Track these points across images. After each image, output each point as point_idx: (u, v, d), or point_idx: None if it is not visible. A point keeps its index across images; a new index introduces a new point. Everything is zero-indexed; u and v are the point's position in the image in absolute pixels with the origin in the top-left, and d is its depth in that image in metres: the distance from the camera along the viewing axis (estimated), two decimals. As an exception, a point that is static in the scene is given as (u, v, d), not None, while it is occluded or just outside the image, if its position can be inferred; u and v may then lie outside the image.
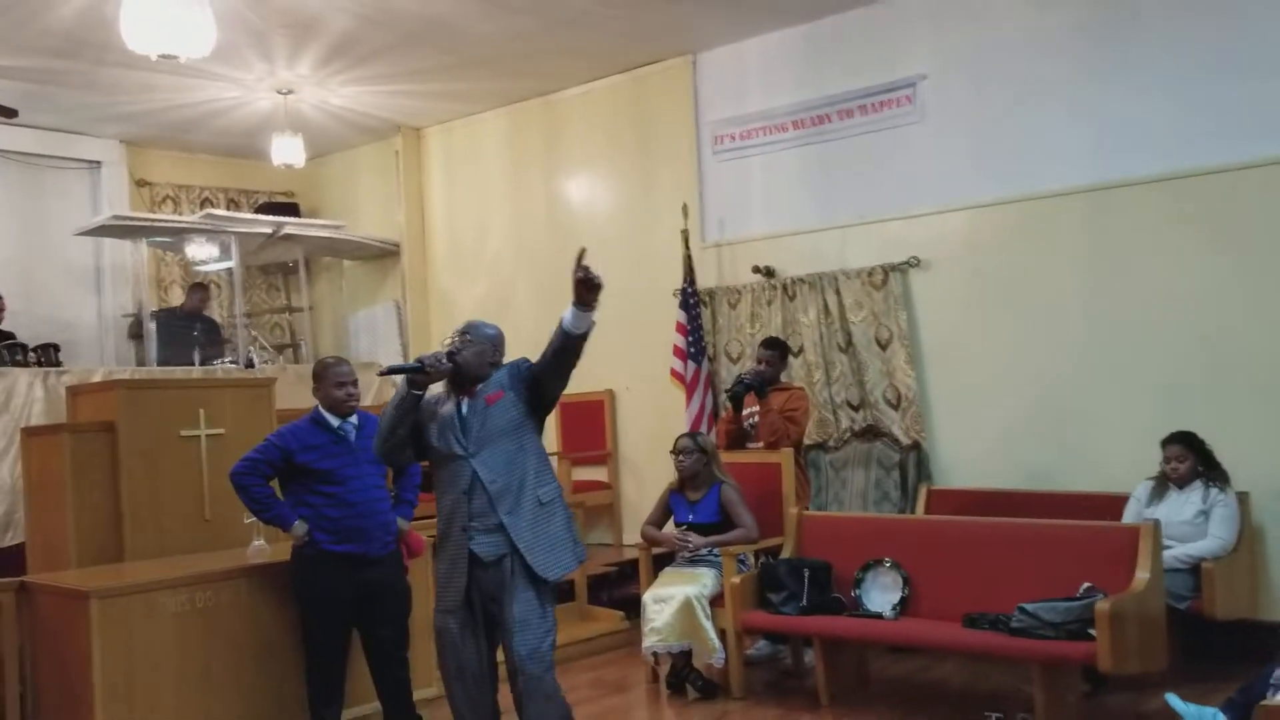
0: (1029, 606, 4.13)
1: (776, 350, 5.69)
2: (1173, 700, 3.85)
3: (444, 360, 3.43)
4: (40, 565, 4.79)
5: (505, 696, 3.53)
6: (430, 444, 3.50)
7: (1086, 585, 4.18)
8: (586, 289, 3.22)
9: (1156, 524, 4.30)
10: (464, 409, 3.47)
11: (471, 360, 3.47)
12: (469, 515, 3.38)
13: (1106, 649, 3.87)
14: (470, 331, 3.54)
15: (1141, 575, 4.11)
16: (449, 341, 3.54)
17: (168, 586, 4.07)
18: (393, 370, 3.65)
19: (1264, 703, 2.47)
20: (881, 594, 4.75)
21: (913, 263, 6.04)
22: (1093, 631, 3.94)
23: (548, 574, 3.38)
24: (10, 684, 4.16)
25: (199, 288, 8.36)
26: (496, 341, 3.58)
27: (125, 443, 4.75)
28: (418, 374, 3.40)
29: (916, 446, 6.01)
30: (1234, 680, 3.98)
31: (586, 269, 3.21)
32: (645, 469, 7.16)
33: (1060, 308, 5.64)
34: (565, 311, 3.31)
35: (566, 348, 3.33)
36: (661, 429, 6.76)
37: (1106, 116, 5.49)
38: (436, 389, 3.58)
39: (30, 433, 5.14)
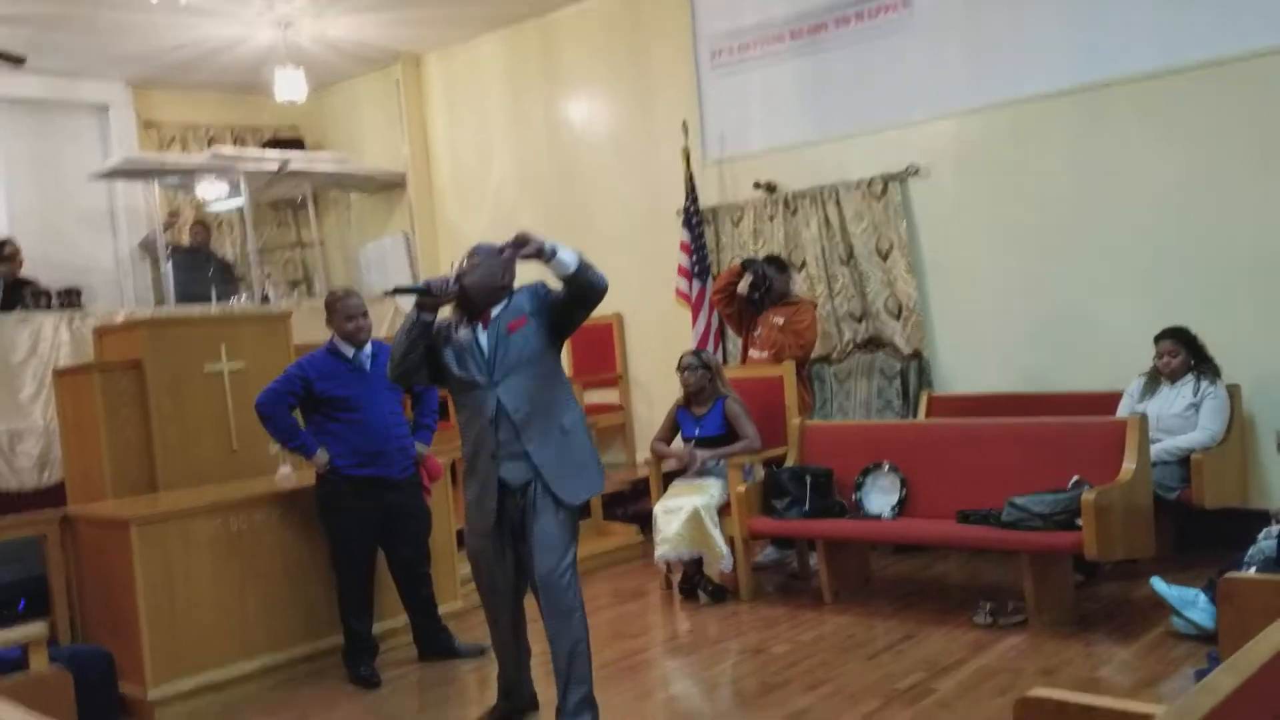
0: (1018, 500, 4.32)
1: (775, 265, 5.81)
2: (1157, 584, 4.07)
3: (451, 284, 3.43)
4: (79, 499, 5.04)
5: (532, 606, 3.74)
6: (450, 371, 3.50)
7: (1075, 478, 4.35)
8: (519, 246, 3.33)
9: (1143, 417, 4.46)
10: (483, 336, 3.48)
11: (481, 282, 3.44)
12: (496, 444, 3.43)
13: (1092, 537, 4.05)
14: (477, 254, 3.49)
15: (1128, 467, 4.28)
16: (457, 265, 3.53)
17: (203, 513, 4.31)
18: (398, 290, 3.71)
19: (1228, 575, 2.64)
20: (881, 496, 4.95)
21: (911, 171, 6.11)
22: (1080, 522, 4.13)
23: (571, 500, 3.48)
24: (60, 608, 4.43)
25: (200, 225, 8.53)
26: (505, 263, 3.50)
27: (152, 379, 4.96)
28: (424, 296, 3.41)
29: (918, 355, 6.15)
30: (1222, 566, 4.18)
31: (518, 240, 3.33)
32: (655, 389, 7.34)
33: (1053, 210, 5.71)
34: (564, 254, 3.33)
35: (574, 293, 3.39)
36: (669, 349, 6.87)
37: (1098, 16, 5.49)
38: (450, 312, 3.59)
39: (61, 374, 5.36)
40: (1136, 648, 3.99)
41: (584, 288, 3.39)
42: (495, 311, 3.51)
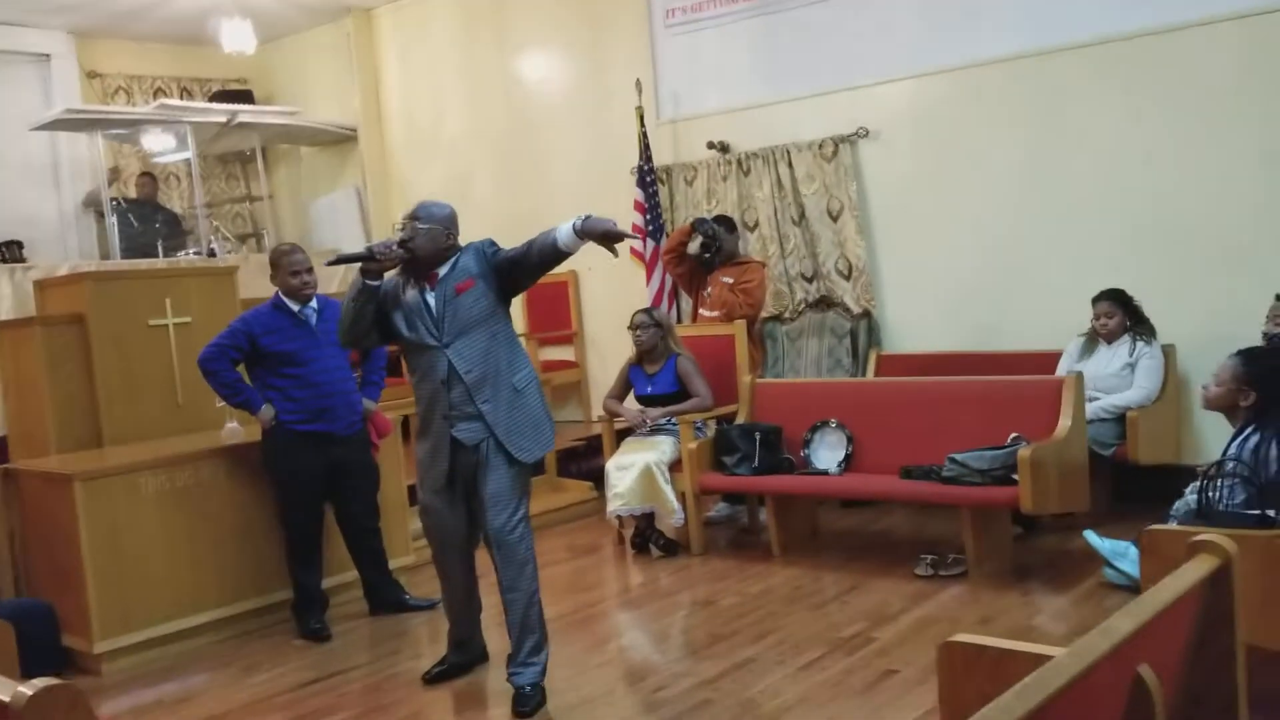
0: (958, 456, 4.42)
1: (725, 225, 5.85)
2: (1090, 536, 4.19)
3: (394, 248, 3.41)
4: (22, 454, 4.98)
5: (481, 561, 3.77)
6: (400, 332, 3.51)
7: (1014, 435, 4.46)
8: (613, 240, 3.35)
9: (1079, 376, 4.57)
10: (430, 297, 3.47)
11: (426, 245, 3.45)
12: (449, 405, 3.46)
13: (1028, 492, 4.16)
14: (420, 214, 3.49)
15: (1064, 423, 4.39)
16: (399, 226, 3.54)
17: (147, 468, 4.28)
18: (341, 260, 3.62)
19: (1150, 528, 2.74)
20: (828, 452, 5.04)
21: (861, 134, 6.15)
22: (1016, 477, 4.23)
23: (524, 457, 3.51)
24: (3, 564, 4.40)
25: (147, 177, 8.37)
26: (449, 222, 3.52)
27: (96, 333, 4.90)
28: (369, 262, 3.40)
29: (867, 315, 6.22)
30: (1156, 521, 4.30)
31: (621, 235, 3.36)
32: (609, 347, 7.35)
33: (1001, 174, 5.78)
34: (563, 228, 3.33)
35: (553, 259, 3.42)
36: (623, 307, 6.87)
37: (1049, -19, 5.55)
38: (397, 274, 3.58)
39: (2, 326, 5.27)
40: (1070, 597, 4.12)
41: (560, 260, 3.45)
42: (442, 272, 3.51)
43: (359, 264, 3.47)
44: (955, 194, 5.94)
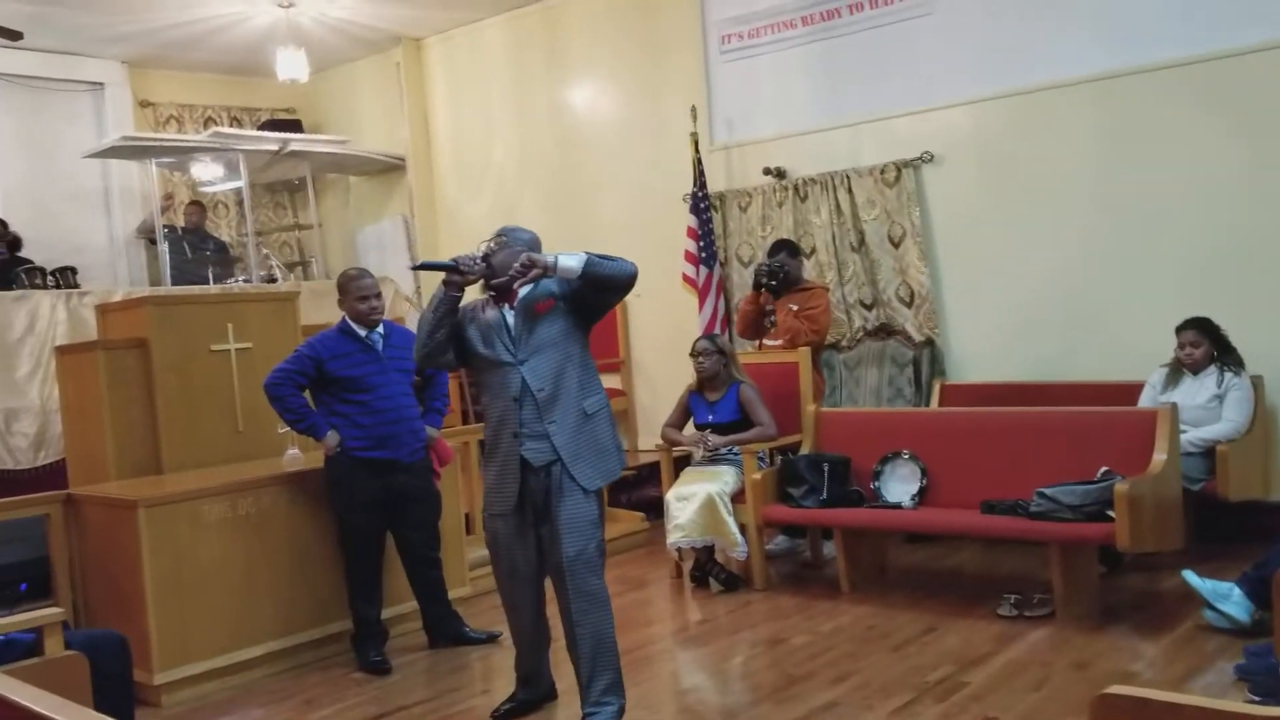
0: (1047, 490, 4.24)
1: (786, 249, 5.74)
2: (1189, 576, 4.00)
3: (478, 261, 3.42)
4: (82, 480, 4.91)
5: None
6: (475, 350, 3.46)
7: (1104, 469, 4.29)
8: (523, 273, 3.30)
9: (1174, 407, 4.40)
10: (509, 315, 3.44)
11: (506, 263, 3.41)
12: (519, 422, 3.38)
13: (1125, 529, 3.98)
14: (505, 234, 3.52)
15: (1159, 457, 4.21)
16: (484, 245, 3.52)
17: (210, 495, 4.19)
18: (425, 266, 3.68)
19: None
20: (900, 485, 4.88)
21: (925, 158, 6.04)
22: (1111, 513, 4.06)
23: (588, 484, 3.41)
24: (63, 591, 4.31)
25: (196, 205, 8.39)
26: (532, 245, 3.51)
27: (158, 358, 4.83)
28: (452, 273, 3.39)
29: (930, 343, 6.07)
30: (1245, 558, 4.13)
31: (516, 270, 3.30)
32: (658, 375, 7.25)
33: (1071, 199, 5.65)
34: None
35: (591, 287, 3.35)
36: (674, 335, 6.84)
37: (1114, 4, 5.43)
38: (476, 294, 3.56)
39: (64, 351, 5.23)
40: (1168, 640, 3.92)
41: (598, 281, 3.35)
42: (522, 292, 3.47)
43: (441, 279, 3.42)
44: (1023, 219, 5.81)
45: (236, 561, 4.26)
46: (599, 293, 3.42)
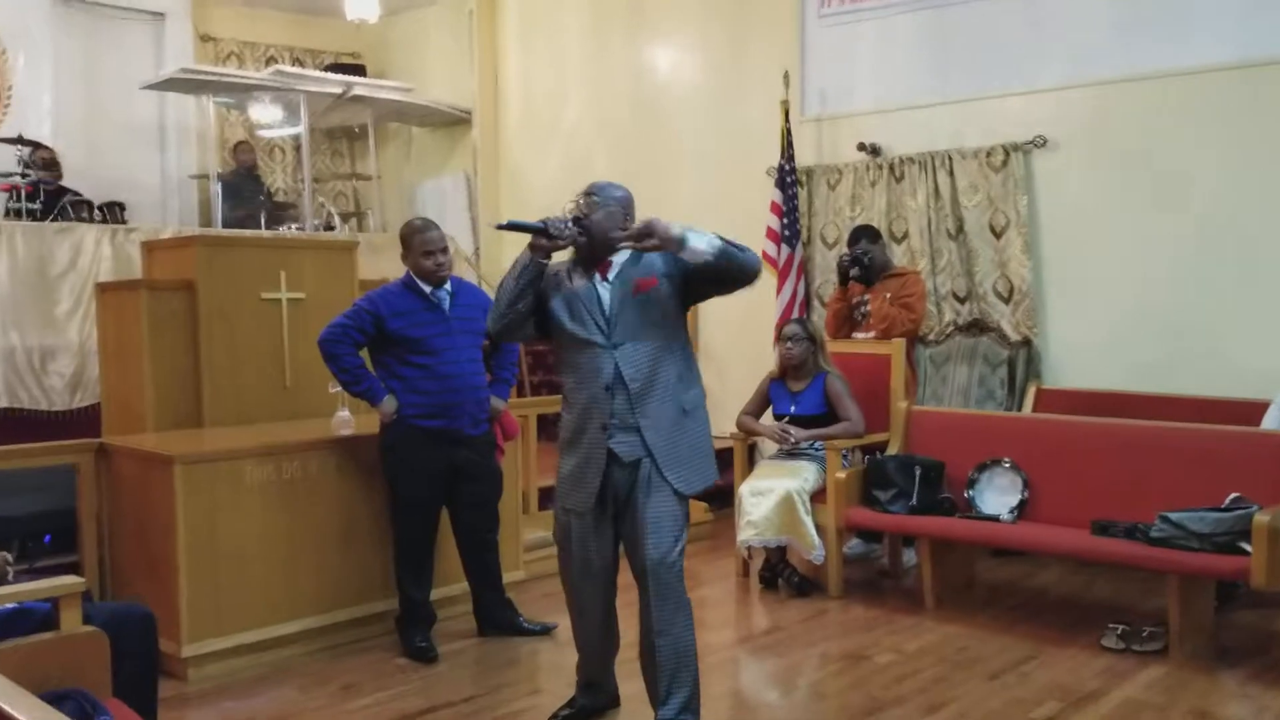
0: (1173, 516, 3.81)
1: (866, 236, 5.29)
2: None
3: (569, 225, 3.00)
4: (116, 428, 4.62)
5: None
6: (563, 325, 3.07)
7: (1234, 495, 3.85)
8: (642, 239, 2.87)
9: (1320, 434, 3.94)
10: (604, 289, 3.05)
11: (602, 225, 3.03)
12: (610, 413, 3.01)
13: (1262, 564, 3.55)
14: (597, 193, 3.09)
15: (1303, 488, 3.77)
16: (573, 204, 3.10)
17: (255, 455, 3.86)
18: (512, 226, 3.12)
19: None
20: (998, 496, 4.46)
21: (1038, 143, 5.56)
22: (1244, 545, 3.63)
23: (683, 488, 3.05)
24: (89, 548, 4.01)
25: (245, 145, 8.05)
26: (627, 204, 3.11)
27: (205, 302, 4.50)
28: (539, 236, 2.98)
29: (1027, 343, 5.62)
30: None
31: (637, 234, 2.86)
32: (728, 360, 6.82)
33: (1193, 198, 5.16)
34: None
35: (717, 274, 2.93)
36: (746, 318, 6.43)
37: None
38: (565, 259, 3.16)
39: (105, 289, 4.91)
40: (1300, 693, 3.50)
41: (724, 271, 2.92)
42: (619, 262, 3.08)
43: (528, 236, 3.00)
44: (1142, 216, 5.32)
45: (278, 529, 3.92)
46: (715, 284, 3.00)
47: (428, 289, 3.95)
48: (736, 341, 6.72)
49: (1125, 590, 4.64)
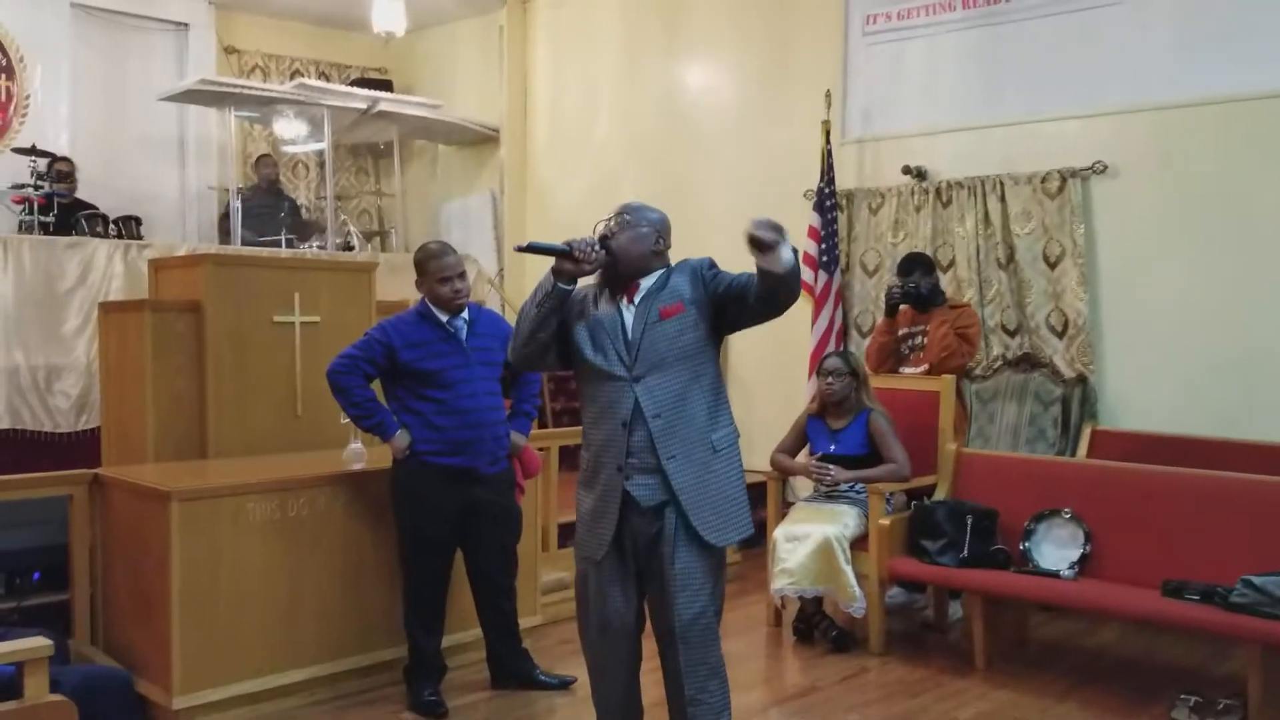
0: (1256, 580, 3.48)
1: (921, 267, 4.97)
2: None
3: (596, 247, 2.74)
4: (115, 457, 4.37)
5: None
6: (583, 354, 2.81)
7: (1324, 559, 3.51)
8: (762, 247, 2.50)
9: None
10: (628, 315, 2.79)
11: (629, 248, 2.78)
12: (627, 451, 2.73)
13: (1360, 639, 3.21)
14: (629, 213, 2.83)
15: (1407, 554, 3.42)
16: (603, 224, 2.85)
17: (258, 491, 3.59)
18: (533, 248, 2.83)
19: None
20: (1057, 549, 4.13)
21: (1097, 169, 5.25)
22: (1339, 616, 3.29)
23: (713, 538, 2.75)
24: (80, 587, 3.75)
25: (267, 158, 7.83)
26: (662, 227, 2.86)
27: (212, 325, 4.25)
28: (564, 259, 2.72)
29: (1082, 380, 5.29)
30: None
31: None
32: (758, 392, 6.50)
33: (1267, 232, 4.83)
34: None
35: (769, 294, 2.60)
36: (779, 348, 6.16)
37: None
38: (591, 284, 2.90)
39: (108, 308, 4.66)
40: None
41: (782, 292, 2.59)
42: (646, 286, 2.81)
43: (551, 259, 2.73)
44: (1208, 248, 5.00)
45: (280, 571, 3.64)
46: (756, 309, 2.67)
47: (444, 317, 3.67)
48: (767, 371, 6.43)
49: (1194, 653, 4.29)
